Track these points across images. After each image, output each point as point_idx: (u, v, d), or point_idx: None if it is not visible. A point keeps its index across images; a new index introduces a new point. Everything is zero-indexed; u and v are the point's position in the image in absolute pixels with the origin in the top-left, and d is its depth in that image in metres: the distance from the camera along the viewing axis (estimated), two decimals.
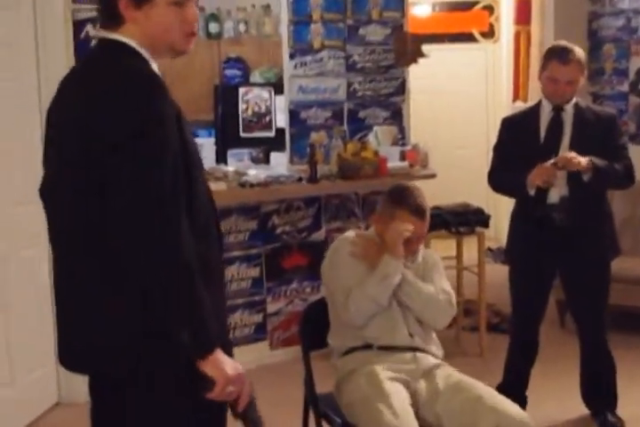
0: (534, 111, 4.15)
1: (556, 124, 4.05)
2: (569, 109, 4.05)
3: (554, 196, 4.02)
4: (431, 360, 3.28)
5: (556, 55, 3.99)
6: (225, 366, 2.08)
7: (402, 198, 3.35)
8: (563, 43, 4.11)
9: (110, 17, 2.17)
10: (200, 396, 2.09)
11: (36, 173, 4.27)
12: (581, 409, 4.29)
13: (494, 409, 3.00)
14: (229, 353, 2.19)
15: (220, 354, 2.08)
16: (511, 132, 4.21)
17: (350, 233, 3.52)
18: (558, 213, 4.01)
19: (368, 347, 3.26)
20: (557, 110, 4.05)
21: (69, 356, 2.23)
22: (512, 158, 4.10)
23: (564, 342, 5.16)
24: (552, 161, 3.88)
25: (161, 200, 2.00)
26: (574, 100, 4.07)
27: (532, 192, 3.96)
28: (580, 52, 4.00)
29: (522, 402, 4.05)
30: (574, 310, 4.32)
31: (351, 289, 3.24)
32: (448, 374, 3.23)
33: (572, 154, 3.88)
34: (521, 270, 4.22)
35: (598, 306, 4.15)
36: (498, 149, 4.26)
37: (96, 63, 2.18)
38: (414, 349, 3.27)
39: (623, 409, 4.22)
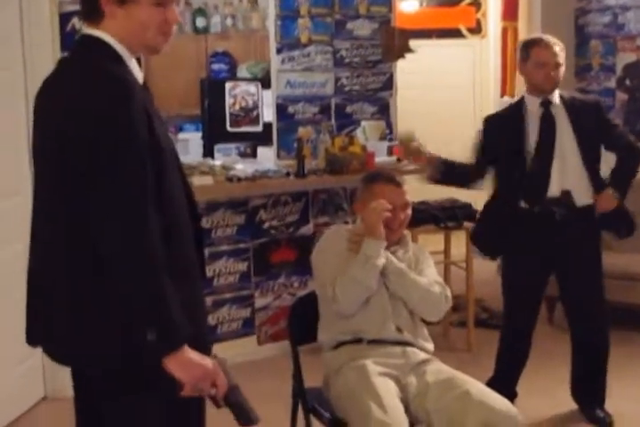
0: (517, 110, 4.10)
1: (548, 119, 4.02)
2: (556, 102, 4.04)
3: (554, 189, 3.99)
4: (421, 355, 3.26)
5: (537, 42, 4.02)
6: (190, 365, 2.07)
7: (374, 175, 3.51)
8: (534, 34, 4.15)
9: (91, 11, 2.19)
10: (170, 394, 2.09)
11: (20, 165, 4.28)
12: (570, 404, 4.29)
13: (482, 404, 2.99)
14: (207, 352, 2.19)
15: (185, 353, 2.06)
16: (495, 132, 4.16)
17: (340, 227, 3.50)
18: (558, 206, 3.99)
19: (358, 341, 3.24)
20: (545, 105, 4.04)
21: (53, 349, 2.23)
22: (495, 160, 4.10)
23: (553, 338, 5.17)
24: None
25: (126, 191, 2.01)
26: (557, 92, 4.07)
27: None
28: (554, 38, 4.04)
29: (511, 397, 4.03)
30: (573, 306, 4.23)
31: (337, 278, 3.22)
32: (438, 369, 3.22)
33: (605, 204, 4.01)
34: (518, 267, 4.17)
35: (601, 298, 4.15)
36: (480, 149, 4.20)
37: (72, 64, 2.21)
38: (404, 343, 3.26)
39: (610, 404, 4.23)
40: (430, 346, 3.37)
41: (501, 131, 4.14)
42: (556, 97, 4.06)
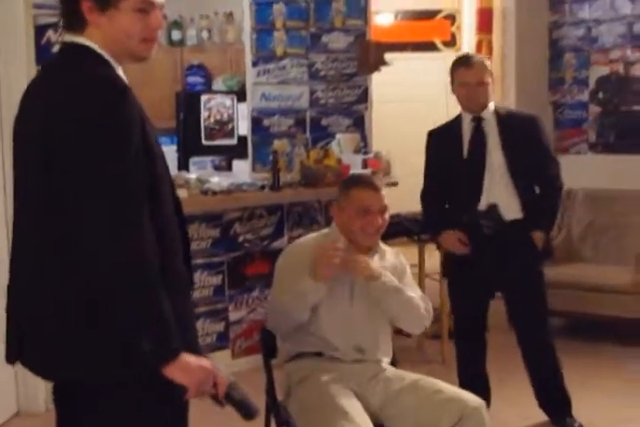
0: (456, 124, 4.18)
1: (478, 135, 4.08)
2: (489, 118, 4.09)
3: (482, 203, 4.03)
4: (379, 366, 3.26)
5: (459, 63, 4.08)
6: (191, 369, 2.06)
7: (352, 180, 3.48)
8: (463, 53, 4.22)
9: (73, 20, 2.15)
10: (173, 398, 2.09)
11: None
12: (541, 416, 4.31)
13: (455, 400, 3.02)
14: None
15: (184, 358, 2.05)
16: (437, 145, 4.27)
17: (298, 243, 3.46)
18: (485, 220, 4.03)
19: (318, 354, 3.21)
20: (477, 121, 4.08)
21: (35, 363, 2.17)
22: (441, 173, 4.17)
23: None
24: None
25: (121, 199, 1.97)
26: (493, 107, 4.11)
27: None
28: (480, 57, 4.16)
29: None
30: (516, 318, 4.26)
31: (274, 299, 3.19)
32: (399, 376, 3.22)
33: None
34: (458, 282, 4.25)
35: (541, 311, 4.17)
36: (427, 164, 4.29)
37: (58, 68, 2.15)
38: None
39: (580, 415, 4.24)
40: (388, 359, 3.34)
41: (441, 145, 4.23)
42: (488, 113, 4.10)
